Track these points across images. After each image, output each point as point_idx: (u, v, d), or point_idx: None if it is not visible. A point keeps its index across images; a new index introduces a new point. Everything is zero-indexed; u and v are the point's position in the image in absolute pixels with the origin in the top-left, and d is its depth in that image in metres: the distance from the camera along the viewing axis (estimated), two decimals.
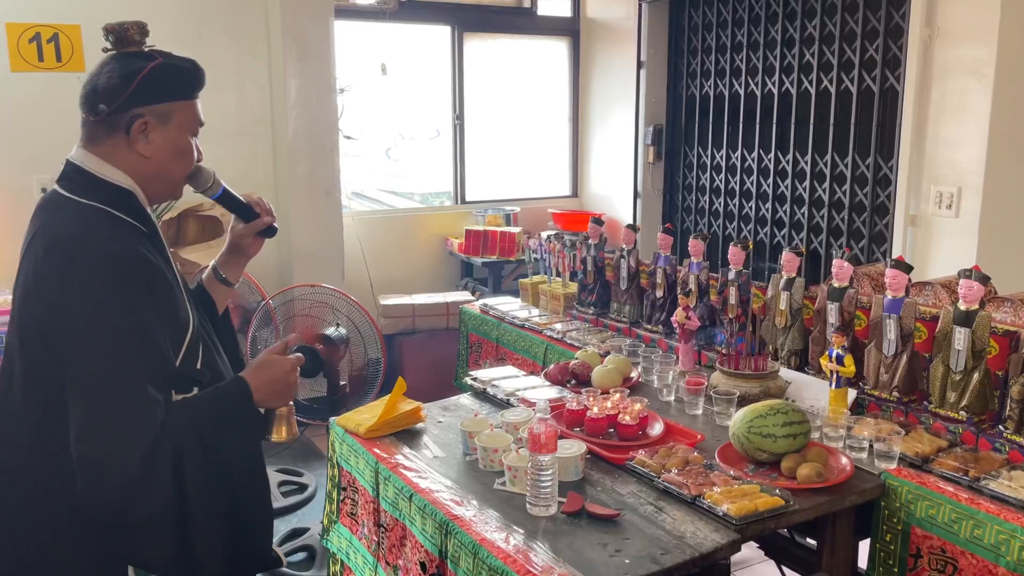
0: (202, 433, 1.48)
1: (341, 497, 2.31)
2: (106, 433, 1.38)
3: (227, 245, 1.85)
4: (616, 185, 5.69)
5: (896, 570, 1.93)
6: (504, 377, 2.62)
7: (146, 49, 1.57)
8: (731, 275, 2.71)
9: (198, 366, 1.57)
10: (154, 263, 1.51)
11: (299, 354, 1.73)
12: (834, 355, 2.24)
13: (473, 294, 5.12)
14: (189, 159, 1.62)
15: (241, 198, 1.81)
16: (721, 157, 5.07)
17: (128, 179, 1.55)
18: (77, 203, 1.52)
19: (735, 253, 2.72)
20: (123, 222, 1.52)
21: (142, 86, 1.52)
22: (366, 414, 2.27)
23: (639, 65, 5.36)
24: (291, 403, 1.68)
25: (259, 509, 1.65)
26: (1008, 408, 1.98)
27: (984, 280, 2.06)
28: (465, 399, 2.56)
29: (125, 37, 1.56)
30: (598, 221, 3.38)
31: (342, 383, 3.73)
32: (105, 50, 1.58)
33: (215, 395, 1.55)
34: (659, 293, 3.01)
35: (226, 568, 1.54)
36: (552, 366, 2.68)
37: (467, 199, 5.68)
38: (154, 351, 1.46)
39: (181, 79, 1.58)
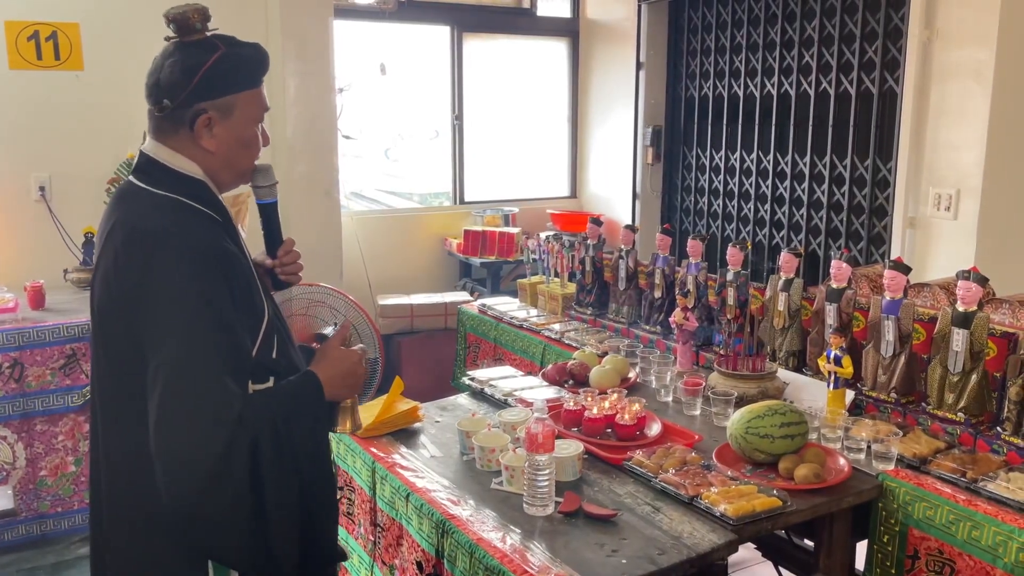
0: (277, 427, 1.47)
1: (338, 496, 2.31)
2: (184, 426, 1.38)
3: None
4: (615, 186, 5.68)
5: (893, 571, 1.93)
6: (502, 377, 2.62)
7: (209, 35, 1.54)
8: (729, 276, 2.71)
9: (274, 355, 1.57)
10: (232, 252, 1.51)
11: (362, 345, 1.71)
12: (832, 356, 2.24)
13: (471, 294, 5.12)
14: (255, 148, 1.61)
15: (280, 228, 1.78)
16: (720, 158, 5.07)
17: (199, 169, 1.55)
18: (153, 194, 1.52)
19: (733, 254, 2.72)
20: (199, 212, 1.53)
21: (204, 81, 1.50)
22: (363, 413, 2.27)
23: (638, 66, 5.36)
24: (356, 395, 1.68)
25: (327, 503, 1.66)
26: (1006, 410, 1.98)
27: (982, 282, 2.06)
28: (463, 399, 2.55)
29: (187, 25, 1.52)
30: (597, 222, 3.38)
31: None
32: (168, 38, 1.54)
33: (289, 389, 1.55)
34: (657, 294, 3.01)
35: (299, 562, 1.54)
36: (550, 366, 2.68)
37: (466, 199, 5.68)
38: (233, 343, 1.46)
39: (244, 69, 1.55)
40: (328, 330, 1.89)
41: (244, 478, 1.42)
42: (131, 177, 1.57)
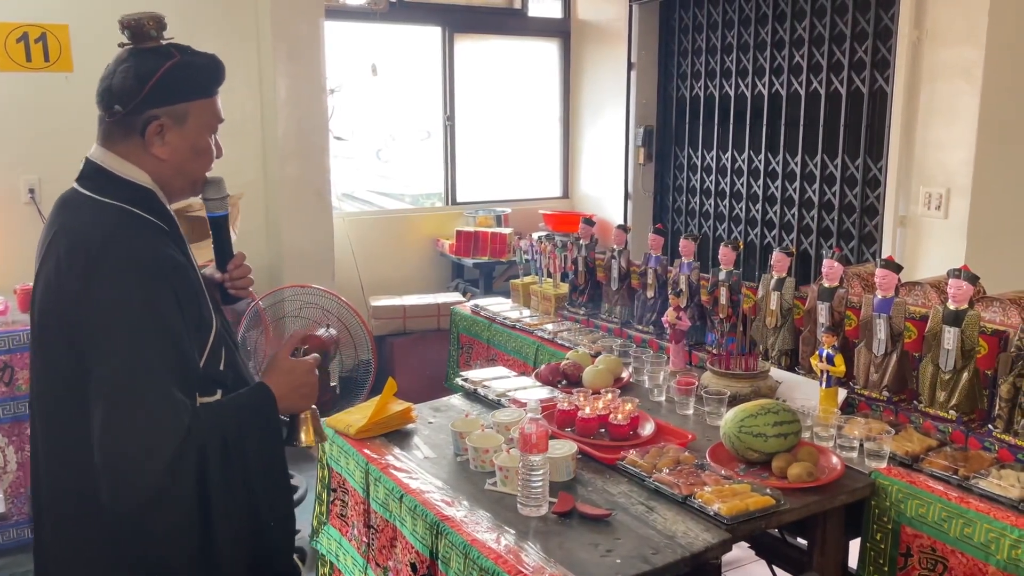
0: (226, 440, 1.44)
1: (331, 498, 2.31)
2: (131, 437, 1.35)
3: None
4: (607, 186, 5.69)
5: (886, 569, 1.94)
6: (495, 378, 2.61)
7: (164, 43, 1.53)
8: (722, 275, 2.71)
9: (221, 367, 1.54)
10: (179, 262, 1.48)
11: (315, 354, 1.69)
12: (824, 355, 2.24)
13: (464, 295, 5.12)
14: (207, 157, 1.59)
15: (232, 242, 1.75)
16: (711, 158, 5.08)
17: (148, 178, 1.52)
18: (98, 202, 1.49)
19: (725, 253, 2.72)
20: (146, 221, 1.50)
21: (157, 87, 1.48)
22: (356, 415, 2.27)
23: (629, 66, 5.37)
24: (314, 405, 1.66)
25: (282, 518, 1.61)
26: (997, 407, 1.99)
27: (973, 280, 2.07)
28: (456, 400, 2.55)
29: (141, 32, 1.50)
30: (589, 222, 3.38)
31: (332, 384, 3.73)
32: (121, 45, 1.53)
33: (239, 402, 1.52)
34: (650, 293, 3.01)
35: None
36: (543, 367, 2.68)
37: (458, 200, 5.68)
38: (180, 353, 1.43)
39: (198, 77, 1.54)
40: (321, 331, 1.88)
41: (191, 492, 1.40)
42: (75, 184, 1.53)
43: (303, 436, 1.64)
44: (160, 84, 1.48)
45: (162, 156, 1.52)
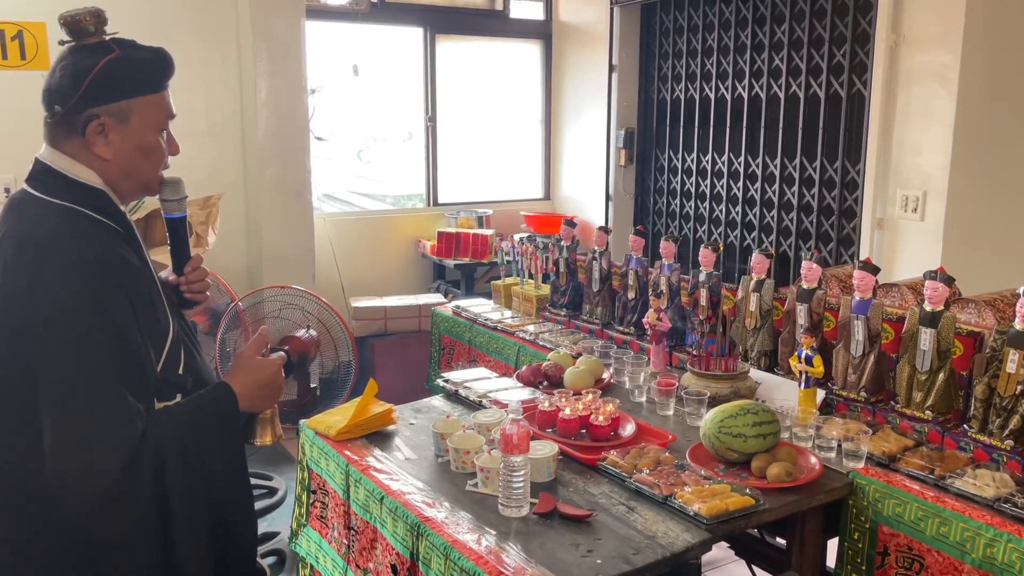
0: (185, 443, 1.41)
1: (311, 500, 2.29)
2: (82, 444, 1.31)
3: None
4: (588, 188, 5.71)
5: (864, 568, 1.95)
6: (476, 379, 2.61)
7: (107, 38, 1.48)
8: (702, 277, 2.73)
9: (179, 371, 1.51)
10: (133, 264, 1.45)
11: (280, 353, 1.67)
12: (803, 356, 2.26)
13: (445, 296, 5.11)
14: (157, 156, 1.53)
15: (189, 246, 1.72)
16: (692, 160, 5.11)
17: (97, 178, 1.48)
18: (48, 203, 1.44)
19: (706, 255, 2.74)
20: (98, 222, 1.45)
21: (94, 85, 1.43)
22: (337, 416, 2.26)
23: (611, 68, 5.39)
24: (275, 405, 1.64)
25: (244, 521, 1.59)
26: (972, 407, 2.01)
27: (949, 282, 2.09)
28: (437, 401, 2.55)
29: (79, 28, 1.46)
30: (570, 223, 3.39)
31: (313, 385, 3.71)
32: (62, 43, 1.48)
33: (199, 403, 1.49)
34: (631, 295, 3.02)
35: None
36: (524, 368, 2.68)
37: (439, 201, 5.67)
38: (133, 357, 1.39)
39: (140, 73, 1.48)
40: (301, 332, 1.87)
41: (148, 499, 1.36)
42: (25, 185, 1.49)
43: (260, 436, 1.62)
44: (97, 81, 1.43)
45: (105, 156, 1.47)
